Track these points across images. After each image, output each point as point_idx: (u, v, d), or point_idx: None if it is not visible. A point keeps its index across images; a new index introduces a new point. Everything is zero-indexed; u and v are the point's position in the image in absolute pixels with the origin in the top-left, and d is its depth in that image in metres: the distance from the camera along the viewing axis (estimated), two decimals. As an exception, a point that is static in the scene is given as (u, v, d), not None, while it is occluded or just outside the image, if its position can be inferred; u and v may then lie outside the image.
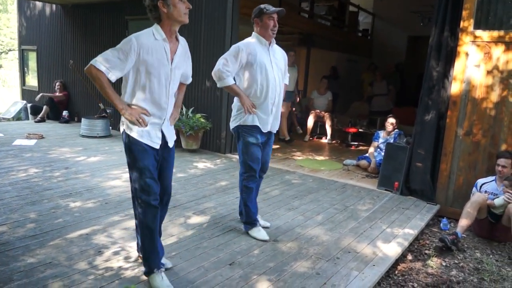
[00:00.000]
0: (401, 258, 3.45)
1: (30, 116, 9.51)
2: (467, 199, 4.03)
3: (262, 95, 3.22)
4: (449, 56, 4.44)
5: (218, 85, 3.24)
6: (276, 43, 3.38)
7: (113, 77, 2.35)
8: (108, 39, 8.07)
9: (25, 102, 10.17)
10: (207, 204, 4.09)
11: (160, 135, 2.55)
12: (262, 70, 3.18)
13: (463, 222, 3.81)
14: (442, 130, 4.54)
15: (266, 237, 3.36)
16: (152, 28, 2.46)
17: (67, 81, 9.26)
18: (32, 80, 10.53)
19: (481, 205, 3.84)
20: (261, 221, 3.59)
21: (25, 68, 10.70)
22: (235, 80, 3.24)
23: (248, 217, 3.43)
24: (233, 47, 3.20)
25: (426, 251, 3.69)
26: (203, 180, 4.95)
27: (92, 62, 2.32)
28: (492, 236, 3.98)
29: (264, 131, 3.31)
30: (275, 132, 3.43)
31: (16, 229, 3.21)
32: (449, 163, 4.50)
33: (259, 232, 3.39)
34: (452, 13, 4.36)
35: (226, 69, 3.14)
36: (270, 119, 3.30)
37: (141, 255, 2.72)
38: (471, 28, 4.24)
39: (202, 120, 6.34)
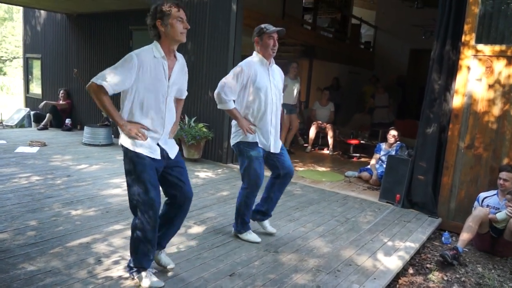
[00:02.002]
0: (402, 272, 3.43)
1: (33, 123, 9.56)
2: (469, 213, 4.01)
3: (259, 115, 3.30)
4: (451, 69, 4.46)
5: (218, 107, 3.31)
6: (276, 56, 3.43)
7: (111, 91, 2.42)
8: (112, 49, 8.13)
9: (28, 109, 10.22)
10: (208, 214, 4.08)
11: (158, 148, 2.59)
12: (261, 91, 3.25)
13: (465, 236, 3.79)
14: (444, 143, 4.54)
15: (258, 239, 3.46)
16: (152, 45, 2.53)
17: (71, 89, 9.32)
18: (36, 88, 10.60)
19: (483, 219, 3.82)
20: (269, 227, 3.66)
21: (29, 76, 10.78)
22: (234, 102, 3.30)
23: (242, 226, 3.51)
24: (236, 67, 3.27)
25: (428, 265, 3.66)
26: (204, 190, 4.95)
27: (93, 79, 2.40)
28: (494, 251, 3.96)
29: (266, 150, 3.39)
30: (277, 152, 3.46)
31: (17, 237, 3.21)
32: (451, 177, 4.49)
33: (250, 235, 3.49)
34: (454, 27, 4.39)
35: (228, 92, 3.21)
36: (271, 140, 3.37)
37: (132, 277, 2.70)
38: (472, 42, 4.27)
39: (204, 129, 6.36)
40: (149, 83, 2.47)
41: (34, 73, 10.61)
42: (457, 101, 4.40)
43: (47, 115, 8.98)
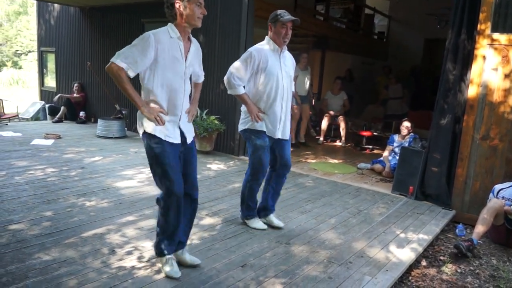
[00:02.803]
0: (415, 264, 3.41)
1: (48, 116, 9.69)
2: (483, 205, 3.96)
3: (270, 101, 3.28)
4: (466, 59, 4.37)
5: (228, 92, 3.31)
6: (288, 48, 3.41)
7: (132, 73, 2.42)
8: (124, 41, 8.08)
9: (43, 102, 10.36)
10: (220, 206, 4.10)
11: (178, 131, 2.60)
12: (272, 77, 3.23)
13: (479, 228, 3.75)
14: (458, 134, 4.47)
15: (264, 227, 3.52)
16: (166, 27, 2.53)
17: (85, 82, 9.41)
18: (50, 81, 10.73)
19: (498, 211, 3.76)
20: (276, 221, 3.64)
21: (44, 70, 10.91)
22: (244, 88, 3.30)
23: (248, 212, 3.55)
24: (246, 53, 3.25)
25: (441, 257, 3.63)
26: (216, 182, 4.97)
27: (112, 59, 2.41)
28: (509, 243, 3.90)
29: (274, 137, 3.38)
30: (286, 139, 3.45)
31: (33, 227, 3.27)
32: (466, 168, 4.43)
33: (258, 223, 3.53)
34: (469, 16, 4.30)
35: (238, 77, 3.19)
36: (280, 126, 3.36)
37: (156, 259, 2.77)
38: (488, 31, 4.18)
39: (216, 122, 6.37)
40: (167, 63, 2.48)
41: (49, 66, 10.73)
42: (472, 91, 4.32)
43: (62, 108, 9.10)
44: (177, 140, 2.58)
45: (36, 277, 2.53)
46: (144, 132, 2.57)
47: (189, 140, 2.69)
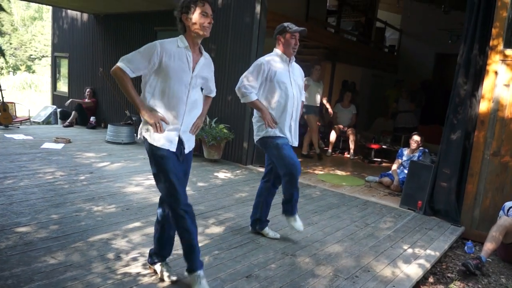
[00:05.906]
0: (422, 280, 3.36)
1: (59, 120, 9.79)
2: (493, 222, 3.90)
3: (280, 109, 3.30)
4: (478, 74, 4.35)
5: (241, 101, 3.34)
6: (299, 58, 3.45)
7: (133, 75, 2.49)
8: (137, 49, 8.24)
9: (55, 107, 10.49)
10: (226, 215, 4.09)
11: (176, 140, 2.58)
12: (281, 85, 3.27)
13: (488, 246, 3.69)
14: (469, 150, 4.43)
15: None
16: (177, 37, 2.59)
17: (96, 88, 9.52)
18: (63, 86, 10.87)
19: (508, 229, 3.70)
20: (271, 233, 3.65)
21: (57, 74, 11.06)
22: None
23: (294, 208, 3.47)
24: (255, 62, 3.31)
25: (449, 274, 3.58)
26: (223, 191, 4.97)
27: (117, 63, 2.48)
28: (519, 262, 3.84)
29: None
30: (295, 145, 3.47)
31: (40, 230, 3.28)
32: (476, 184, 4.37)
33: (296, 222, 3.48)
34: (482, 31, 4.29)
35: (249, 85, 3.24)
36: (290, 134, 3.38)
37: (151, 266, 2.80)
38: (500, 47, 4.16)
39: (225, 130, 6.39)
40: (172, 71, 2.50)
41: (62, 71, 10.88)
42: (483, 107, 4.28)
43: (73, 112, 9.20)
44: (174, 147, 2.58)
45: (41, 281, 2.54)
46: (146, 139, 2.58)
47: (186, 150, 2.69)
